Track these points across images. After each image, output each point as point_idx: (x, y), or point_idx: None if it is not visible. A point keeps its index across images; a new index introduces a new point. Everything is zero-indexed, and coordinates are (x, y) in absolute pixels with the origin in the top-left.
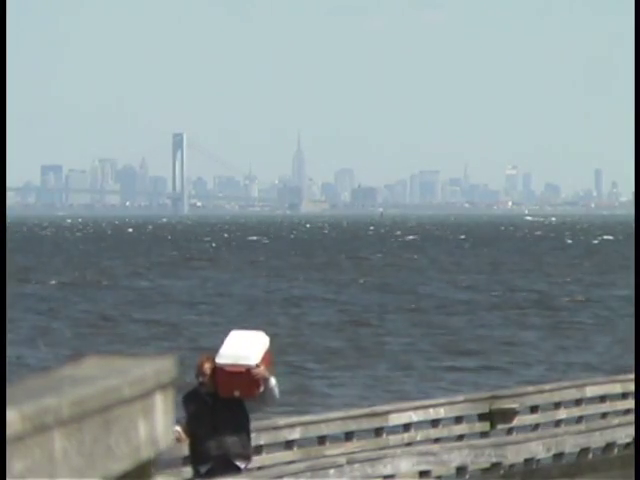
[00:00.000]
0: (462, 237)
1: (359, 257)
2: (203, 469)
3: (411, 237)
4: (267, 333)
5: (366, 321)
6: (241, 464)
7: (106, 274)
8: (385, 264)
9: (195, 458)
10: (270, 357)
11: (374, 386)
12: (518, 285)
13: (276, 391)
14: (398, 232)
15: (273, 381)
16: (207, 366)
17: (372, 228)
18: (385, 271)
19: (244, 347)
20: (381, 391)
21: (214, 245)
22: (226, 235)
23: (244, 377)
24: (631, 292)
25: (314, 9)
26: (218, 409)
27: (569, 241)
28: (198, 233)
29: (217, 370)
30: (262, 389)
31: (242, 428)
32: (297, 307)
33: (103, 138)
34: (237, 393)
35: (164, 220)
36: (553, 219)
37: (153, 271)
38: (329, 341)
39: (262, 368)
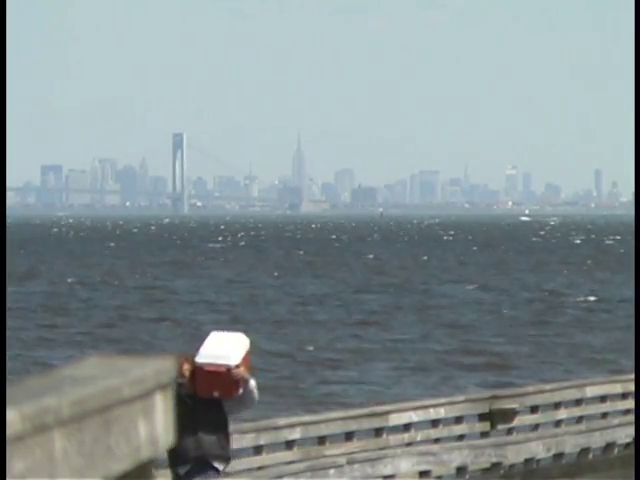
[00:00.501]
0: (469, 237)
1: (369, 257)
2: (182, 471)
3: (417, 237)
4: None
5: (379, 321)
6: (219, 466)
7: (116, 274)
8: (395, 264)
9: (174, 460)
10: (250, 359)
11: (384, 385)
12: (530, 285)
13: (255, 393)
14: (402, 232)
15: (253, 383)
16: (186, 367)
17: (376, 228)
18: (395, 271)
19: (224, 347)
20: (391, 390)
21: (223, 246)
22: (230, 236)
23: (223, 377)
24: None
25: (316, 9)
26: (197, 410)
27: (577, 241)
28: (204, 233)
29: (196, 370)
30: (241, 391)
31: (221, 430)
32: (308, 306)
33: (103, 138)
34: (216, 393)
35: (166, 220)
36: (555, 219)
37: (164, 271)
38: (340, 340)
39: (242, 369)
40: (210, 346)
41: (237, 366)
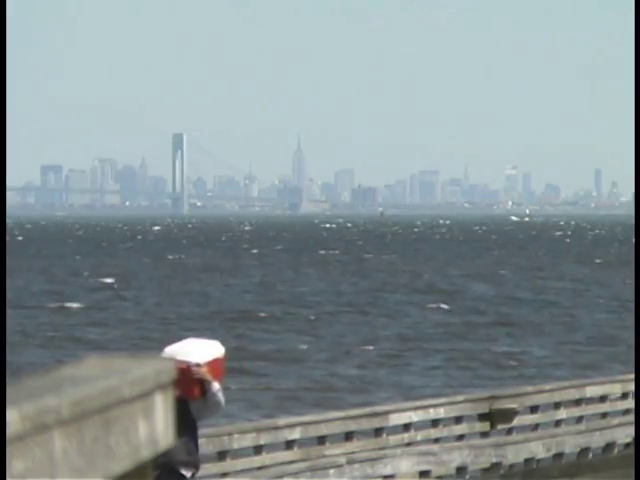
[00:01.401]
0: (473, 238)
1: (386, 257)
2: None
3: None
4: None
5: (402, 319)
6: (186, 472)
7: (137, 274)
8: (412, 264)
9: None
10: (221, 367)
11: (400, 385)
12: (547, 285)
13: (220, 397)
14: (409, 233)
15: (217, 386)
16: None
17: (396, 228)
18: (414, 271)
19: (188, 346)
20: (406, 391)
21: (234, 247)
22: (240, 235)
23: (184, 374)
24: None
25: (315, 9)
26: None
27: (588, 239)
28: (212, 233)
29: None
30: (205, 393)
31: (188, 435)
32: (324, 306)
33: (103, 138)
34: (177, 392)
35: (168, 221)
36: (542, 218)
37: (184, 270)
38: (352, 342)
39: (204, 369)
40: (177, 345)
41: (198, 365)
